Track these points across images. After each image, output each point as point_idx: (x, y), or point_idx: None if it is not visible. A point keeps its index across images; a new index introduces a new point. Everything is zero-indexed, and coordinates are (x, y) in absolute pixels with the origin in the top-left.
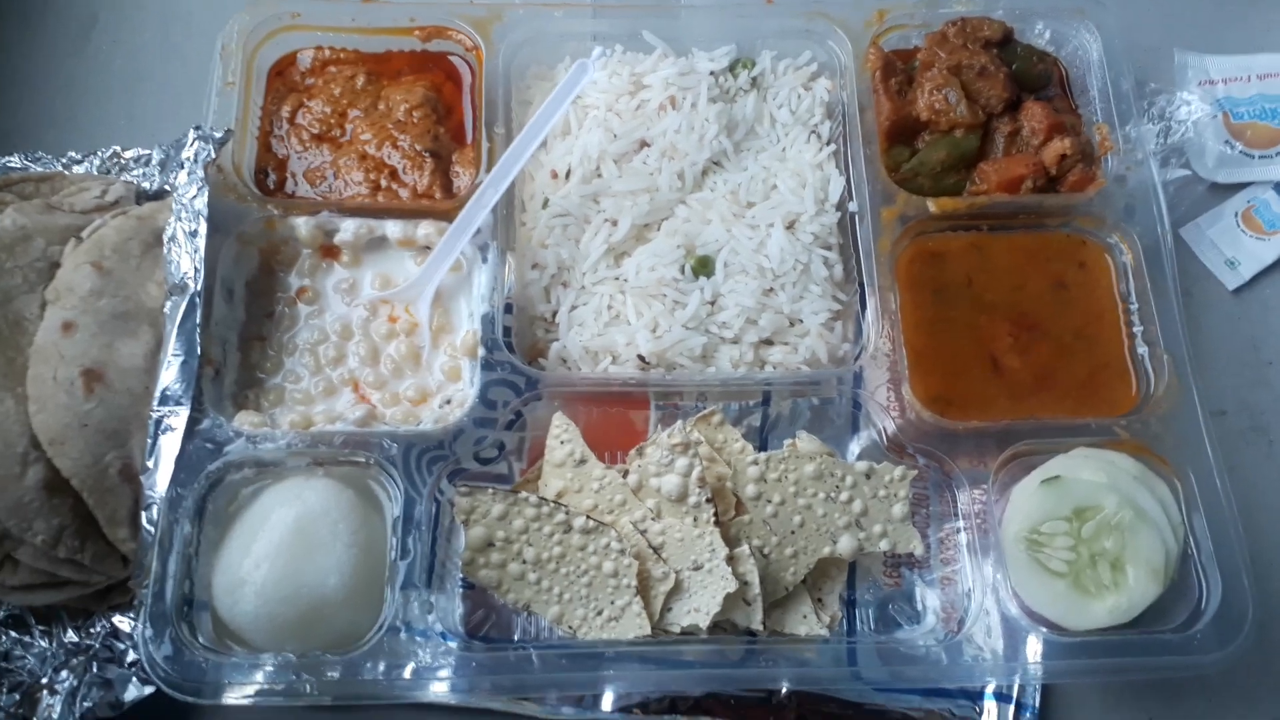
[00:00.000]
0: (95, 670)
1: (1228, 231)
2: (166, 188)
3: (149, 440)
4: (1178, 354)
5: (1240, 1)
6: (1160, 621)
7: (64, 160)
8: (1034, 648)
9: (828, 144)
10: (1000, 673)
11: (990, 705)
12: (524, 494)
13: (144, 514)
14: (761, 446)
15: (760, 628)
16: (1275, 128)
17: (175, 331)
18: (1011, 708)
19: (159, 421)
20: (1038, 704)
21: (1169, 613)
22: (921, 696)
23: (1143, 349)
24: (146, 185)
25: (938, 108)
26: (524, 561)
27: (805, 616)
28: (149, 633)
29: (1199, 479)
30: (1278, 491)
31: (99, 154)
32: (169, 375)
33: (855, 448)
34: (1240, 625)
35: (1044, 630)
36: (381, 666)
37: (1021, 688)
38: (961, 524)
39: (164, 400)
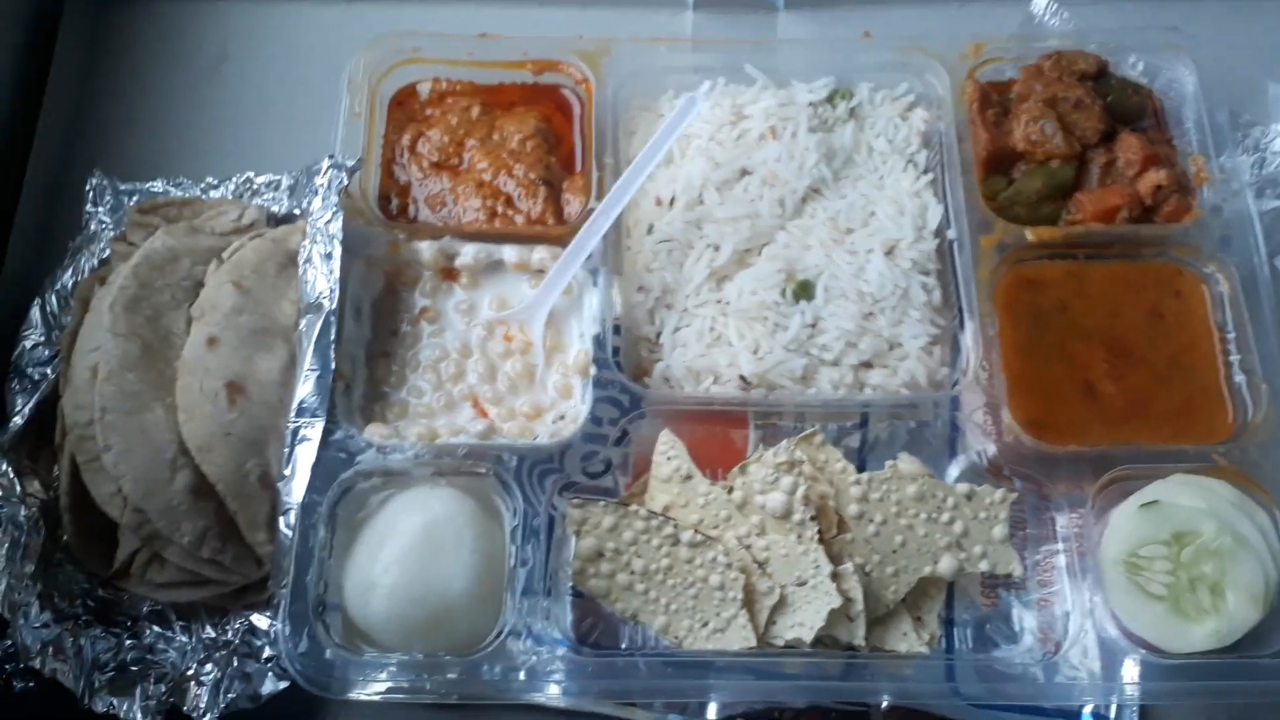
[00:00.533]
0: (236, 664)
1: None
2: (295, 211)
3: (286, 450)
4: (1276, 383)
5: None
6: (1259, 647)
7: (202, 185)
8: (1131, 669)
9: (925, 173)
10: (1097, 693)
11: None
12: (634, 507)
13: (281, 519)
14: (860, 467)
15: (862, 643)
16: None
17: (311, 348)
18: None
19: (296, 432)
20: None
21: (1268, 638)
22: (1020, 714)
23: (1239, 377)
24: (276, 209)
25: (1034, 139)
26: (632, 572)
27: (905, 634)
28: (287, 630)
29: None
30: None
31: (233, 179)
32: (305, 388)
33: (954, 470)
34: None
35: (1142, 652)
36: (498, 668)
37: (1119, 709)
38: (1060, 547)
39: (300, 412)
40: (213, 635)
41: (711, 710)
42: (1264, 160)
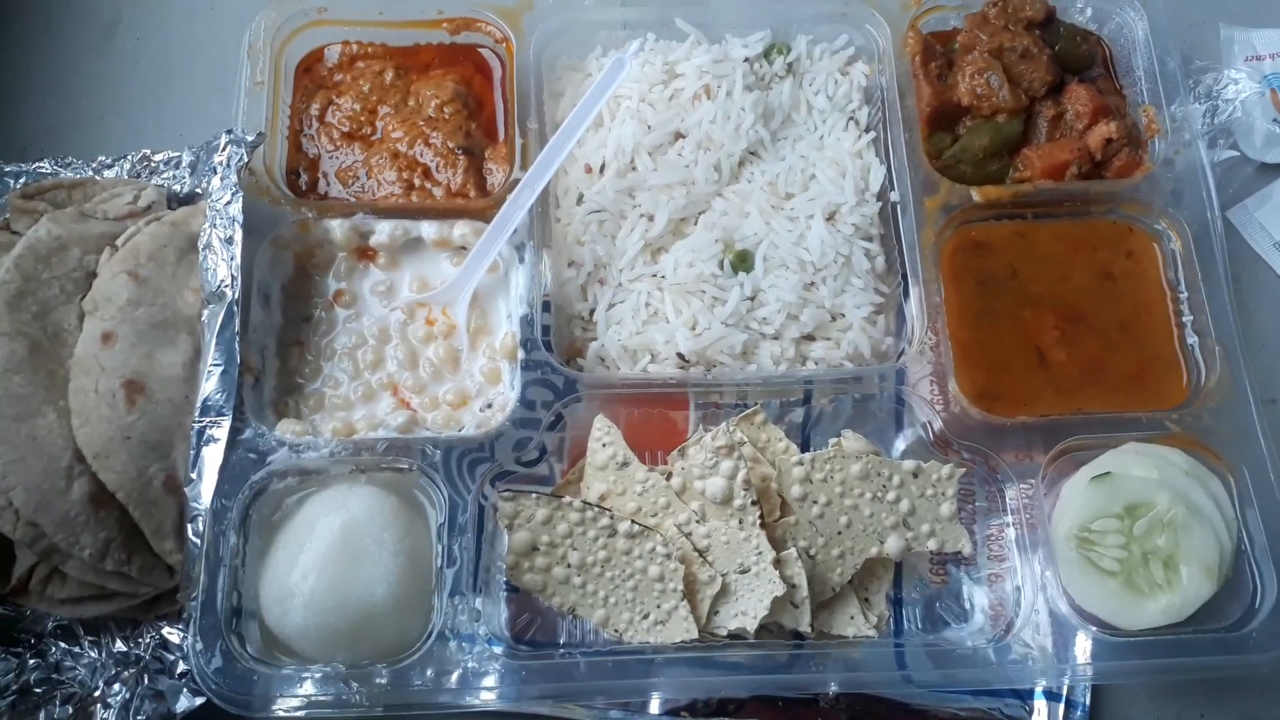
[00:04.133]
0: (146, 682)
1: (1276, 213)
2: (198, 190)
3: (192, 451)
4: (1229, 344)
5: None
6: (1214, 619)
7: (94, 165)
8: (1083, 645)
9: (866, 131)
10: (1051, 673)
11: (1040, 704)
12: (568, 498)
13: (189, 526)
14: (804, 443)
15: (808, 630)
16: None
17: (214, 340)
18: (1061, 706)
19: (201, 432)
20: (1088, 702)
21: (1222, 610)
22: (971, 696)
23: (1192, 339)
24: (177, 188)
25: (980, 92)
26: (568, 565)
27: (853, 617)
28: (199, 645)
29: (1252, 473)
30: None
31: (129, 157)
32: (210, 385)
33: (900, 444)
34: None
35: (1094, 629)
36: (430, 674)
37: (1071, 686)
38: (1009, 519)
39: (205, 410)
40: (124, 649)
41: (654, 705)
42: (1216, 108)
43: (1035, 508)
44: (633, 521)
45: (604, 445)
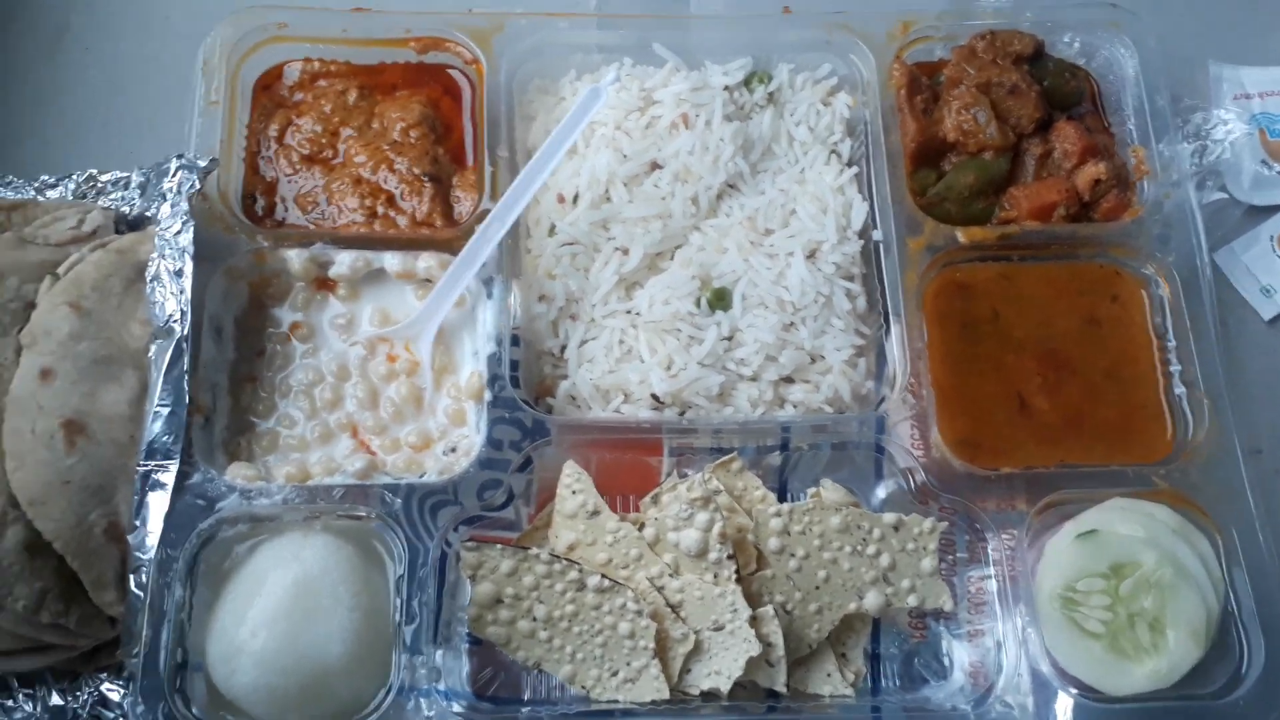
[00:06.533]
0: None
1: (1263, 256)
2: (149, 214)
3: (136, 497)
4: (1218, 397)
5: (1276, 9)
6: (1199, 683)
7: (36, 185)
8: (1065, 708)
9: (849, 165)
10: None
11: None
12: (534, 550)
13: (132, 576)
14: (781, 489)
15: (783, 689)
16: None
17: (161, 379)
18: None
19: (147, 476)
20: None
21: (1208, 674)
22: None
23: (1180, 390)
24: (126, 210)
25: (966, 129)
26: (535, 619)
27: (829, 675)
28: (140, 707)
29: (1240, 532)
30: None
31: (74, 177)
32: (156, 427)
33: (880, 492)
34: None
35: (1077, 693)
36: None
37: None
38: (991, 572)
39: (151, 453)
40: (60, 703)
41: None
42: (1205, 148)
43: (1018, 560)
44: (603, 576)
45: (574, 493)
